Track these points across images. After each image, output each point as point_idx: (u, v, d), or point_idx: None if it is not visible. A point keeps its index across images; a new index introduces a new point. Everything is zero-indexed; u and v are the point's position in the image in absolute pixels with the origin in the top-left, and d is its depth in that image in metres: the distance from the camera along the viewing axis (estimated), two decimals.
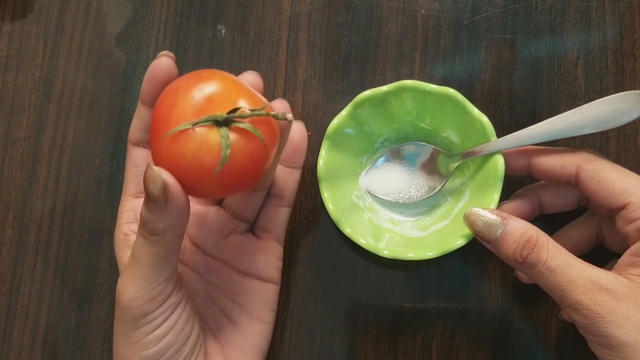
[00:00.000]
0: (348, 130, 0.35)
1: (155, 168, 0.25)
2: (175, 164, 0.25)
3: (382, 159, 0.36)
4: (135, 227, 0.31)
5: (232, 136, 0.25)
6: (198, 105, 0.25)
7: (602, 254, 0.33)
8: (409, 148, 0.36)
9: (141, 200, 0.31)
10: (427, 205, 0.36)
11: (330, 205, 0.34)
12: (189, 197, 0.27)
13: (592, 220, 0.34)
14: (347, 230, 0.34)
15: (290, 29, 0.38)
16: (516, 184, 0.35)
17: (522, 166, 0.33)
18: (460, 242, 0.32)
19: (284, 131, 0.29)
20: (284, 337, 0.36)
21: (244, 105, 0.26)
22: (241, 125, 0.25)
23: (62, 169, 0.38)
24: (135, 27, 0.39)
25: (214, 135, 0.25)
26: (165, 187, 0.25)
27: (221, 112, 0.25)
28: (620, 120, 0.31)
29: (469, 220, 0.30)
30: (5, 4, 0.39)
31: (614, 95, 0.31)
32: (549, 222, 0.34)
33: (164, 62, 0.28)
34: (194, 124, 0.25)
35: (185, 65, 0.38)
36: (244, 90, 0.27)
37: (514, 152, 0.33)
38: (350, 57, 0.38)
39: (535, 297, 0.35)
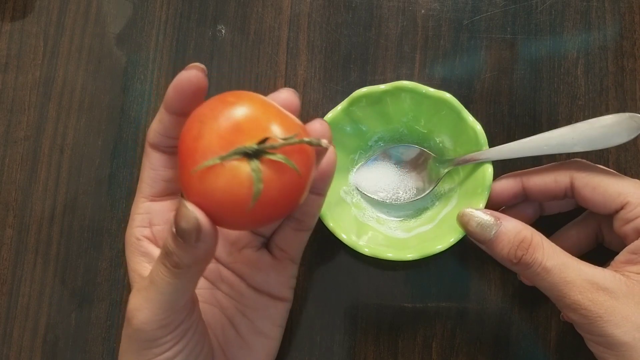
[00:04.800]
0: (342, 125, 0.35)
1: (190, 207, 0.24)
2: (206, 200, 0.24)
3: (374, 157, 0.37)
4: (148, 232, 0.30)
5: (264, 168, 0.23)
6: (225, 136, 0.23)
7: (602, 253, 0.33)
8: (401, 150, 0.36)
9: (156, 205, 0.30)
10: (413, 207, 0.36)
11: None
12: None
13: (591, 219, 0.34)
14: (331, 224, 0.34)
15: (290, 29, 0.38)
16: None
17: (516, 192, 0.33)
18: (440, 247, 0.32)
19: (320, 155, 0.27)
20: (284, 337, 0.36)
21: (276, 131, 0.24)
22: (273, 157, 0.23)
23: (62, 169, 0.38)
24: (135, 27, 0.39)
25: (245, 169, 0.23)
26: (197, 227, 0.24)
27: (250, 143, 0.23)
28: (612, 142, 0.31)
29: (462, 221, 0.30)
30: (5, 4, 0.39)
31: (608, 115, 0.31)
32: (549, 222, 0.34)
33: (193, 74, 0.27)
34: (222, 159, 0.23)
35: (185, 65, 0.38)
36: (274, 113, 0.25)
37: (505, 178, 0.33)
38: (350, 57, 0.38)
39: (535, 297, 0.35)
